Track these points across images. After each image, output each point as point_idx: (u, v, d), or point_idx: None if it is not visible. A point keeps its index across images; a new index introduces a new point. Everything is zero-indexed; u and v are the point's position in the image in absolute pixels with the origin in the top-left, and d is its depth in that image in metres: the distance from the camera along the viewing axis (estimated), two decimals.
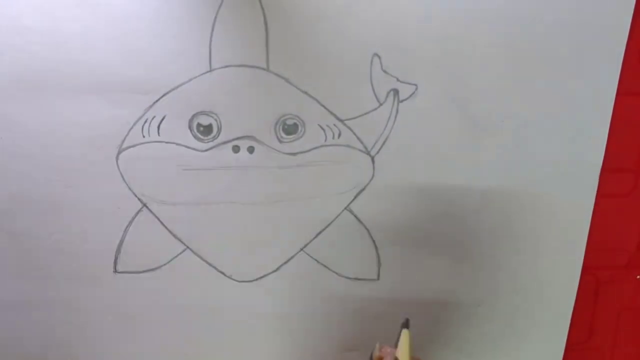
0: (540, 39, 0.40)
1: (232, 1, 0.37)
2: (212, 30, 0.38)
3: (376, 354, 0.35)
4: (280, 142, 0.40)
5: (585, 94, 0.41)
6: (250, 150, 0.40)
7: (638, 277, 0.48)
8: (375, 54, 0.39)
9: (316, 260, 0.43)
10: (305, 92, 0.39)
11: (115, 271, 0.42)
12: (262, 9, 0.37)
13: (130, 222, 0.41)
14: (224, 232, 0.42)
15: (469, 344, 0.47)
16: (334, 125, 0.40)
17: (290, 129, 0.40)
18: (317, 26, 0.38)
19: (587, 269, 0.46)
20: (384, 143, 0.41)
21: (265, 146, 0.40)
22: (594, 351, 0.49)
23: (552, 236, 0.44)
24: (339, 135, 0.40)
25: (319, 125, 0.40)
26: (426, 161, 0.41)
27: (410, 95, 0.40)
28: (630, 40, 0.40)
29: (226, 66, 0.38)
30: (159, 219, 0.41)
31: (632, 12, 0.40)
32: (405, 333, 0.34)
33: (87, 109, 0.38)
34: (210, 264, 0.43)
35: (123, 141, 0.39)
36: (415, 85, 0.40)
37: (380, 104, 0.40)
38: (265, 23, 0.38)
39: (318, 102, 0.39)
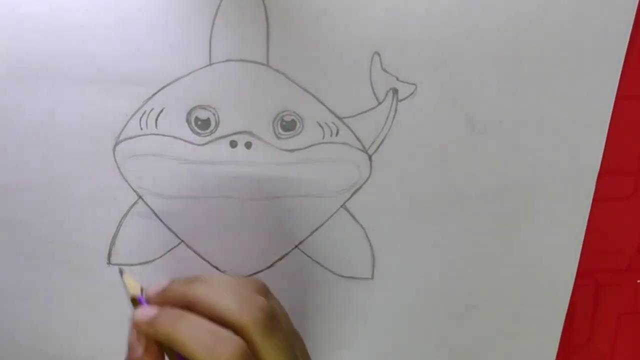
0: (541, 40, 0.41)
1: None
2: (213, 24, 0.39)
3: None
4: (278, 138, 0.42)
5: (585, 96, 0.42)
6: (248, 145, 0.42)
7: (639, 281, 0.49)
8: (376, 53, 0.40)
9: (310, 257, 0.45)
10: (305, 89, 0.41)
11: (109, 263, 0.44)
12: (264, 4, 0.38)
13: (126, 214, 0.43)
14: (218, 226, 0.43)
15: (462, 345, 0.48)
16: (332, 122, 0.41)
17: (289, 125, 0.41)
18: (319, 23, 0.39)
19: (587, 272, 0.47)
20: (382, 142, 0.42)
21: (262, 142, 0.41)
22: (592, 355, 0.51)
23: (549, 238, 0.46)
24: (337, 132, 0.42)
25: (317, 122, 0.41)
26: (424, 161, 0.43)
27: (410, 95, 0.41)
28: (632, 42, 0.41)
29: (226, 60, 0.40)
30: (154, 212, 0.43)
31: (634, 14, 0.40)
32: (125, 277, 0.35)
33: (85, 100, 0.40)
34: (204, 258, 0.44)
35: (120, 133, 0.41)
36: (415, 84, 0.41)
37: (379, 103, 0.41)
38: (267, 18, 0.39)
39: (317, 99, 0.41)
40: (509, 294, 0.47)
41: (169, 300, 0.33)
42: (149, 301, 0.33)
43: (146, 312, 0.32)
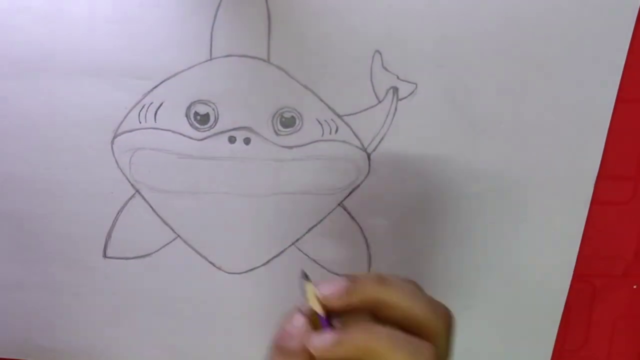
0: (542, 42, 0.41)
1: None
2: (214, 18, 0.39)
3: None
4: (277, 134, 0.42)
5: (585, 99, 0.42)
6: (247, 141, 0.42)
7: (635, 287, 0.49)
8: (377, 51, 0.40)
9: (307, 255, 0.45)
10: (305, 86, 0.41)
11: (105, 256, 0.44)
12: (266, 0, 0.39)
13: (122, 208, 0.43)
14: (215, 222, 0.44)
15: (456, 345, 0.48)
16: (332, 120, 0.42)
17: (288, 122, 0.42)
18: (320, 20, 0.39)
19: (584, 277, 0.47)
20: (380, 140, 0.42)
21: (261, 138, 0.42)
22: (588, 359, 0.51)
23: (545, 241, 0.46)
24: (336, 130, 0.42)
25: (316, 119, 0.42)
26: (422, 161, 0.43)
27: (410, 94, 0.41)
28: (632, 45, 0.41)
29: (227, 56, 0.40)
30: (151, 206, 0.43)
31: (635, 17, 0.41)
32: (308, 286, 0.32)
33: (85, 92, 0.40)
34: (200, 254, 0.45)
35: (119, 126, 0.41)
36: (415, 84, 0.41)
37: (379, 101, 0.41)
38: (268, 14, 0.39)
39: (317, 96, 0.41)
40: (504, 296, 0.47)
41: (357, 301, 0.30)
42: (331, 307, 0.30)
43: (328, 337, 0.29)
